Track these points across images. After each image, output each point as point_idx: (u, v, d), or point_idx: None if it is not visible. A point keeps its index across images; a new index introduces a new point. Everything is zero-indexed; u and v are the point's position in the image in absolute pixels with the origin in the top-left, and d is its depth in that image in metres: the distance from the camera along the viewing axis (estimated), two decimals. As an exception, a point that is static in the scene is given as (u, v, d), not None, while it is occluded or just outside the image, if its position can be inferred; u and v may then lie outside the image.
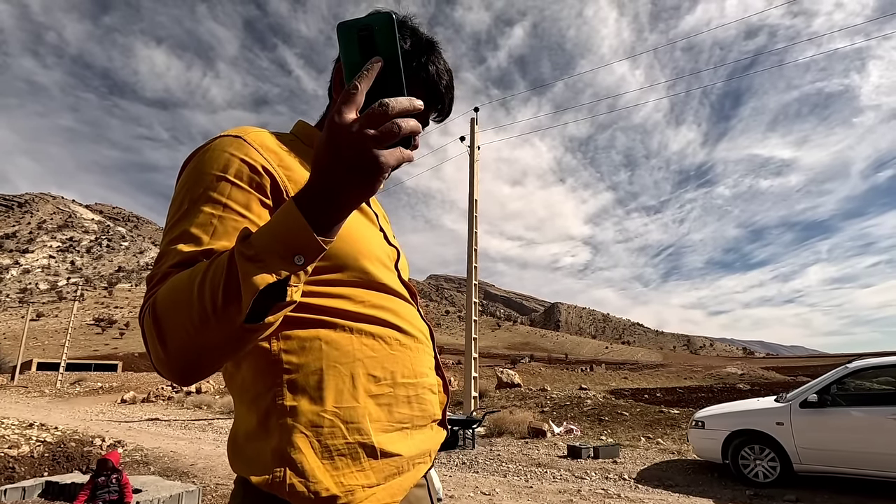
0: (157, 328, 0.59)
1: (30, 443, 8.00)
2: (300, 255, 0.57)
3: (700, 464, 7.14)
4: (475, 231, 13.06)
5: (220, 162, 0.70)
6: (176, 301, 0.58)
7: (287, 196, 0.72)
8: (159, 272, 0.65)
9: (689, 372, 31.66)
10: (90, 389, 31.61)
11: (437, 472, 7.56)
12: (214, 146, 0.73)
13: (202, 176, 0.70)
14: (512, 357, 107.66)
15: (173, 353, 0.59)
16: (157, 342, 0.59)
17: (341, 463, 0.70)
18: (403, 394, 0.80)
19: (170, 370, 0.61)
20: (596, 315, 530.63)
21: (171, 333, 0.59)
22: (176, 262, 0.64)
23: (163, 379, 34.01)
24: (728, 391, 16.68)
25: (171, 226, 0.69)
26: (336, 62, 0.84)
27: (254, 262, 0.55)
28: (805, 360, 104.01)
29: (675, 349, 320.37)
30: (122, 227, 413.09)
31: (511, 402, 14.87)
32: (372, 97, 0.56)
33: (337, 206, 0.57)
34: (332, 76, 0.87)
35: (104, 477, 4.47)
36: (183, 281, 0.59)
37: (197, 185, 0.69)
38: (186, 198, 0.69)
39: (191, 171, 0.72)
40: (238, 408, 0.77)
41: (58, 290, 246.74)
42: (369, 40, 0.59)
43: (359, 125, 0.54)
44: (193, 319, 0.57)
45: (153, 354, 0.61)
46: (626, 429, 10.50)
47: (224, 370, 0.77)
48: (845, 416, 5.63)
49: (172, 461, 8.19)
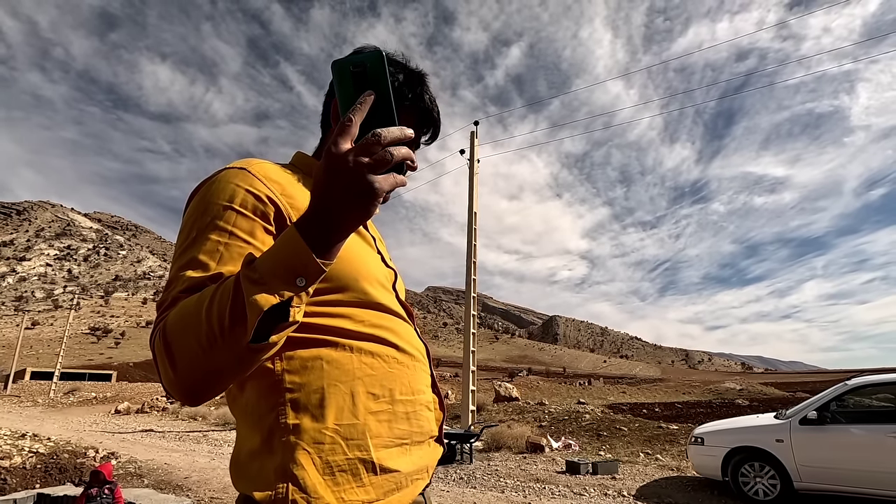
0: (167, 351, 0.62)
1: (22, 454, 7.90)
2: (302, 276, 0.60)
3: (700, 481, 7.08)
4: (474, 243, 13.09)
5: (227, 192, 0.74)
6: (185, 324, 0.62)
7: (290, 223, 0.75)
8: (169, 297, 0.68)
9: (687, 387, 31.50)
10: (84, 399, 31.29)
11: (435, 486, 7.50)
12: (220, 178, 0.77)
13: (209, 206, 0.74)
14: (510, 370, 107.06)
15: (183, 374, 0.62)
16: (167, 364, 0.62)
17: (342, 479, 0.72)
18: (402, 410, 0.82)
19: (180, 391, 0.63)
20: (594, 328, 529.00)
21: (181, 355, 0.62)
22: (185, 288, 0.67)
23: (158, 389, 33.77)
24: (727, 407, 16.59)
25: (179, 253, 0.73)
26: (329, 97, 0.93)
27: (258, 285, 0.58)
28: (804, 375, 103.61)
29: (673, 363, 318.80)
30: (120, 236, 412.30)
31: (509, 416, 14.76)
32: (366, 128, 0.60)
33: (335, 230, 0.61)
34: (324, 109, 0.94)
35: (97, 489, 4.41)
36: (191, 305, 0.63)
37: (205, 215, 0.73)
38: (194, 227, 0.73)
39: (198, 201, 0.76)
40: (241, 428, 0.79)
41: (54, 299, 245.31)
42: (362, 76, 0.63)
43: (354, 154, 0.58)
44: (202, 341, 0.60)
45: (163, 376, 0.64)
46: (624, 444, 10.42)
47: (228, 393, 0.79)
48: (845, 433, 5.60)
49: (166, 474, 8.09)
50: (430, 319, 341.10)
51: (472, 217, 13.24)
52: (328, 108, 0.93)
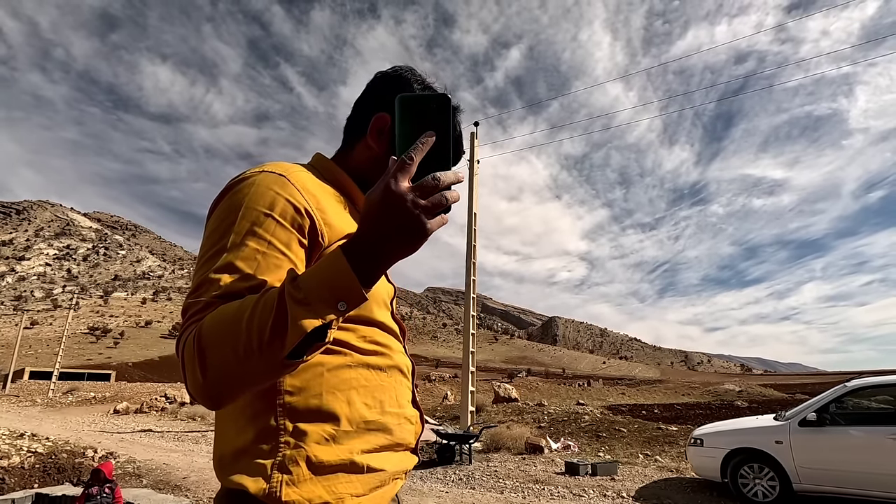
0: (200, 356, 0.63)
1: (20, 454, 7.89)
2: (344, 301, 0.63)
3: (699, 482, 7.08)
4: (474, 244, 13.09)
5: (266, 199, 0.75)
6: (223, 333, 0.62)
7: (322, 238, 0.79)
8: (203, 300, 0.68)
9: (686, 388, 31.50)
10: (83, 399, 31.26)
11: (434, 487, 7.50)
12: (259, 181, 0.77)
13: (248, 210, 0.74)
14: (509, 371, 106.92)
15: (212, 380, 0.63)
16: (197, 369, 0.63)
17: (332, 475, 0.77)
18: (390, 422, 0.87)
19: (206, 395, 0.64)
20: (593, 330, 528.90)
21: (215, 362, 0.62)
22: (221, 293, 0.68)
23: (157, 389, 33.71)
24: (726, 408, 16.60)
25: (212, 253, 0.72)
26: (365, 105, 0.94)
27: (302, 306, 0.61)
28: (803, 377, 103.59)
29: (672, 365, 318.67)
30: (119, 236, 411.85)
31: (508, 416, 14.75)
32: (421, 167, 0.63)
33: (381, 263, 0.63)
34: (358, 115, 0.95)
35: (97, 488, 4.41)
36: (231, 314, 0.63)
37: (243, 219, 0.73)
38: (231, 229, 0.73)
39: (235, 202, 0.75)
40: (228, 425, 0.80)
41: (53, 298, 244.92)
42: (424, 115, 0.66)
43: (413, 194, 0.61)
44: (238, 351, 0.61)
45: (191, 379, 0.64)
46: (623, 445, 10.42)
47: None
48: (844, 435, 5.60)
49: (165, 474, 8.08)
50: (429, 320, 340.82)
51: (472, 218, 13.25)
52: (364, 116, 0.94)
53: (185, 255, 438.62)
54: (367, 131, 0.93)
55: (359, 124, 0.95)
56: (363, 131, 0.93)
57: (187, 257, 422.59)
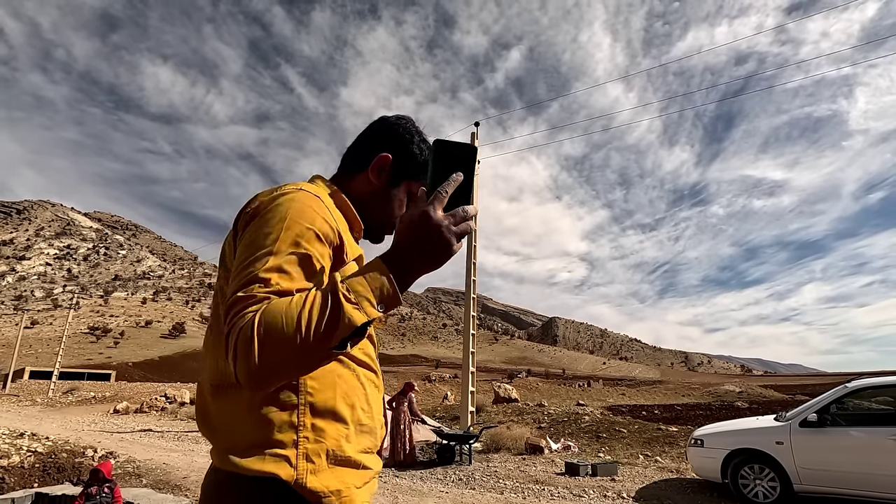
0: (259, 343, 0.71)
1: (20, 453, 7.89)
2: (384, 304, 0.77)
3: (699, 483, 7.07)
4: (474, 245, 13.09)
5: (308, 215, 0.88)
6: (281, 325, 0.71)
7: (346, 256, 0.94)
8: (258, 294, 0.77)
9: (686, 389, 31.48)
10: (83, 399, 31.25)
11: (434, 487, 7.49)
12: (299, 198, 0.89)
13: (293, 223, 0.85)
14: (509, 371, 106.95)
15: (265, 366, 0.71)
16: (253, 354, 0.71)
17: (340, 468, 0.90)
18: (375, 427, 1.00)
19: (256, 378, 0.72)
20: (594, 330, 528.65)
21: (270, 350, 0.71)
22: (273, 291, 0.78)
23: (157, 389, 33.71)
24: (726, 409, 16.59)
25: (260, 255, 0.82)
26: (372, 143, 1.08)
27: (353, 305, 0.73)
28: (803, 378, 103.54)
29: (672, 366, 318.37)
30: (120, 236, 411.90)
31: (508, 417, 14.75)
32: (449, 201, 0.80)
33: (412, 275, 0.79)
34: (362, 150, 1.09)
35: (96, 487, 4.41)
36: (285, 309, 0.73)
37: (288, 230, 0.84)
38: (278, 237, 0.83)
39: (280, 214, 0.86)
40: (243, 419, 0.88)
41: (53, 298, 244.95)
42: (457, 159, 0.82)
43: (448, 222, 0.78)
44: (294, 342, 0.71)
45: (243, 363, 0.72)
46: (624, 446, 10.41)
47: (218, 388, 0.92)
48: (845, 436, 5.59)
49: (165, 474, 8.08)
50: (429, 320, 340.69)
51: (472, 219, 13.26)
52: (367, 152, 1.08)
53: (186, 255, 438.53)
54: (368, 166, 1.06)
55: (361, 159, 1.08)
56: (364, 166, 1.07)
57: (187, 257, 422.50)
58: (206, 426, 0.94)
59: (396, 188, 1.08)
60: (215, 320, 0.95)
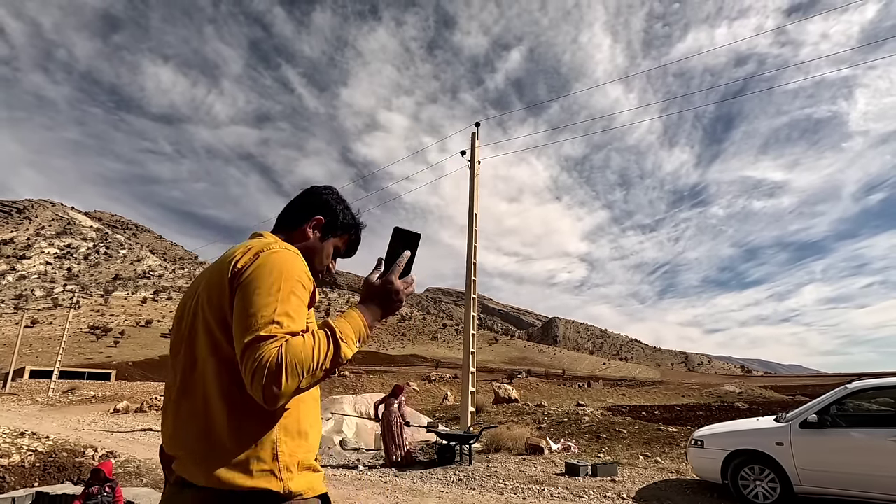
0: (286, 371, 0.98)
1: (20, 452, 7.89)
2: (360, 342, 1.13)
3: (699, 483, 7.07)
4: (474, 245, 13.08)
5: (297, 269, 1.15)
6: (301, 357, 1.00)
7: (314, 301, 1.22)
8: (277, 334, 1.02)
9: (686, 389, 31.46)
10: (83, 398, 31.26)
11: (434, 488, 7.47)
12: (289, 257, 1.16)
13: (289, 276, 1.12)
14: (509, 372, 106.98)
15: (289, 389, 0.99)
16: (281, 380, 0.97)
17: (306, 473, 1.15)
18: (318, 436, 1.26)
19: (280, 398, 0.99)
20: (594, 331, 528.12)
21: (293, 376, 0.99)
22: (287, 331, 1.04)
23: (157, 389, 33.69)
24: (726, 410, 16.58)
25: (270, 302, 1.06)
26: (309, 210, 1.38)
27: (345, 344, 1.08)
28: (803, 379, 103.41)
29: (672, 366, 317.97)
30: (120, 235, 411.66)
31: (508, 417, 14.75)
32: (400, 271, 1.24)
33: (377, 322, 1.19)
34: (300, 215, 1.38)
35: (97, 487, 4.41)
36: (303, 346, 1.02)
37: (287, 281, 1.10)
38: (282, 287, 1.09)
39: (279, 268, 1.11)
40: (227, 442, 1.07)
41: (53, 297, 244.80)
42: (407, 241, 1.24)
43: (404, 286, 1.22)
44: (311, 370, 1.01)
45: (272, 387, 0.97)
46: (624, 446, 10.41)
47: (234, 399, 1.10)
48: (845, 437, 5.59)
49: (165, 473, 8.08)
50: (429, 321, 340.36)
51: (473, 218, 13.24)
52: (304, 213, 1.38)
53: (186, 254, 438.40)
54: (303, 225, 1.37)
55: (298, 219, 1.38)
56: (300, 224, 1.37)
57: (188, 256, 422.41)
58: (199, 448, 1.09)
59: (326, 241, 1.40)
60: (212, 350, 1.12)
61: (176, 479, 1.12)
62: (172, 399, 1.16)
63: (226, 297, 1.10)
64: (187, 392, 1.13)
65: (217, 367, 1.10)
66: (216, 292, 1.12)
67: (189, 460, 1.08)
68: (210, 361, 1.11)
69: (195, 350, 1.14)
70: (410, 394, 25.59)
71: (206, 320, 1.12)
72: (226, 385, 1.09)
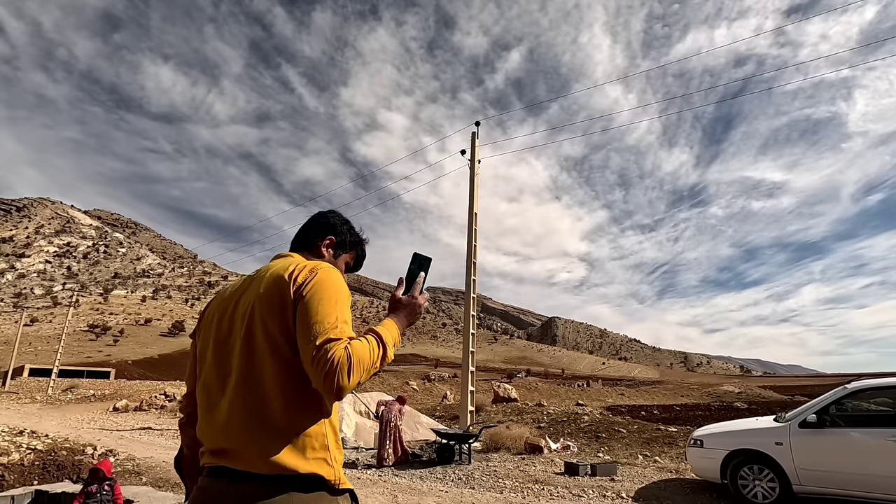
0: (351, 368, 1.16)
1: (20, 450, 7.89)
2: (395, 346, 1.33)
3: (698, 483, 7.07)
4: (474, 244, 13.07)
5: (344, 283, 1.37)
6: (361, 357, 1.19)
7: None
8: (342, 337, 1.20)
9: (686, 389, 31.50)
10: (82, 397, 31.26)
11: (434, 487, 7.48)
12: (338, 274, 1.38)
13: (342, 289, 1.34)
14: (508, 371, 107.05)
15: (353, 383, 1.17)
16: (349, 375, 1.16)
17: (340, 467, 1.32)
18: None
19: (345, 391, 1.17)
20: (593, 330, 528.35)
21: (356, 373, 1.17)
22: (349, 336, 1.23)
23: (156, 388, 33.66)
24: (726, 409, 16.60)
25: (335, 310, 1.25)
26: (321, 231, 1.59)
27: (390, 347, 1.30)
28: (802, 379, 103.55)
29: (671, 366, 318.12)
30: (119, 234, 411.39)
31: (507, 416, 14.76)
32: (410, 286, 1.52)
33: (404, 329, 1.45)
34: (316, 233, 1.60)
35: (96, 486, 4.41)
36: (361, 347, 1.21)
37: (341, 294, 1.32)
38: (337, 299, 1.28)
39: (333, 283, 1.32)
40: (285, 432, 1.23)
41: (53, 296, 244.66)
42: (423, 263, 1.55)
43: (424, 301, 1.49)
44: (367, 369, 1.21)
45: (343, 380, 1.15)
46: (623, 446, 10.42)
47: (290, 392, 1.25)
48: (844, 437, 5.59)
49: (165, 472, 8.09)
50: (429, 320, 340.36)
51: (473, 218, 13.24)
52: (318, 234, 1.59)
53: (185, 253, 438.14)
54: (319, 244, 1.57)
55: (312, 240, 1.58)
56: (315, 244, 1.57)
57: (187, 255, 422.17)
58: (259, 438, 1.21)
59: (338, 258, 1.62)
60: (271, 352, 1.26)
61: (217, 470, 1.24)
62: (226, 397, 1.27)
63: (288, 308, 1.26)
64: (246, 390, 1.25)
65: (277, 367, 1.24)
66: (277, 303, 1.28)
67: (249, 450, 1.21)
68: (270, 362, 1.25)
69: (253, 353, 1.27)
70: (410, 393, 25.60)
71: (267, 326, 1.26)
72: (283, 382, 1.23)
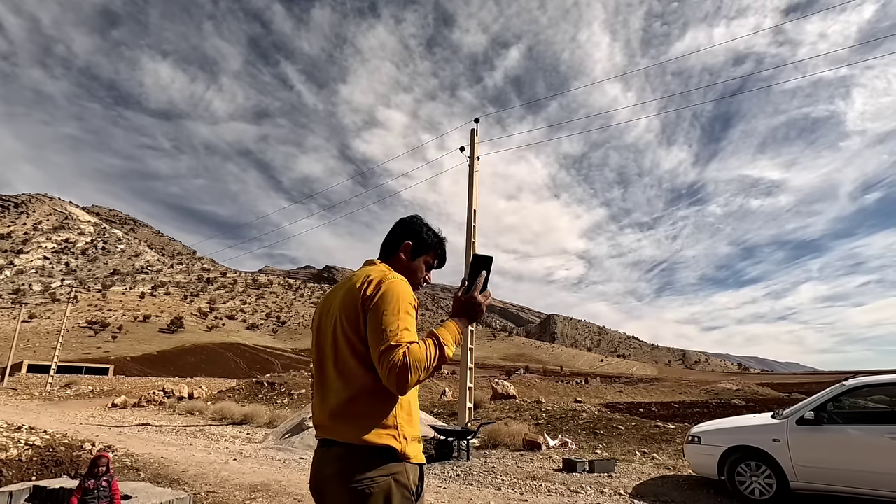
0: (412, 369, 1.42)
1: (18, 446, 7.87)
2: (457, 345, 1.56)
3: (696, 480, 7.09)
4: (473, 241, 13.06)
5: (409, 294, 1.59)
6: (419, 359, 1.44)
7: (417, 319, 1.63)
8: (402, 343, 1.46)
9: (683, 387, 31.59)
10: (81, 393, 31.25)
11: (432, 483, 7.48)
12: (403, 285, 1.59)
13: (405, 300, 1.55)
14: (507, 368, 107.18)
15: (414, 381, 1.43)
16: (410, 375, 1.41)
17: (413, 443, 1.61)
18: (418, 420, 1.70)
19: (408, 387, 1.44)
20: (591, 328, 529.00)
21: (416, 373, 1.43)
22: (409, 340, 1.47)
23: (155, 384, 33.65)
24: (723, 407, 16.64)
25: (394, 320, 1.50)
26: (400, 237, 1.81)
27: (447, 346, 1.52)
28: (799, 376, 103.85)
29: (670, 363, 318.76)
30: (118, 230, 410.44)
31: (506, 413, 14.77)
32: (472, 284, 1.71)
33: (467, 328, 1.72)
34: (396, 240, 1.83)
35: (94, 482, 4.40)
36: (420, 350, 1.46)
37: (403, 304, 1.54)
38: (400, 308, 1.53)
39: (397, 293, 1.55)
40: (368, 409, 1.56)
41: (51, 292, 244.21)
42: (483, 262, 1.70)
43: (485, 300, 1.69)
44: (428, 368, 1.45)
45: (404, 380, 1.42)
46: (621, 443, 10.44)
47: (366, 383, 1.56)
48: (842, 434, 5.61)
49: (163, 468, 8.09)
50: (428, 317, 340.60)
51: (472, 215, 13.22)
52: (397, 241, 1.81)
53: (184, 249, 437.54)
54: (398, 250, 1.79)
55: (393, 246, 1.80)
56: (396, 250, 1.79)
57: (186, 252, 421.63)
58: (345, 417, 1.56)
59: (417, 260, 1.81)
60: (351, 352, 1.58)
61: (323, 441, 1.61)
62: (323, 385, 1.64)
63: (360, 317, 1.56)
64: (335, 380, 1.60)
65: (356, 362, 1.57)
66: (352, 312, 1.58)
67: (339, 424, 1.56)
68: (351, 359, 1.58)
69: (338, 350, 1.60)
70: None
71: (346, 331, 1.58)
72: (362, 375, 1.55)
